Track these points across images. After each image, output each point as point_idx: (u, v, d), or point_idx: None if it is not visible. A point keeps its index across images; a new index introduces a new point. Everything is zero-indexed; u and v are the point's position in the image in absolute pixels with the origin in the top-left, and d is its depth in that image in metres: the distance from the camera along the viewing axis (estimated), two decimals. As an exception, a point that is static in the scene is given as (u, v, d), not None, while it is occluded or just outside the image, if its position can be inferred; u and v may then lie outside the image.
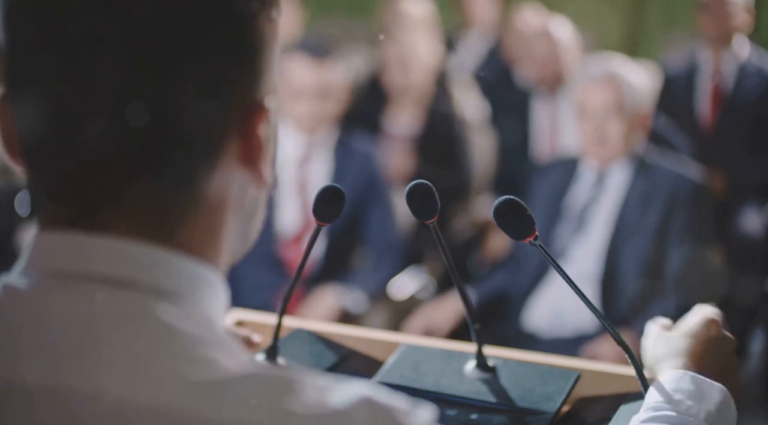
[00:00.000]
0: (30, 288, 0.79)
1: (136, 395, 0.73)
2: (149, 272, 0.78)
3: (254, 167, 0.82)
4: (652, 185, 3.06)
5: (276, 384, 0.74)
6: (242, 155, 0.81)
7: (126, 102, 0.76)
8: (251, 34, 0.81)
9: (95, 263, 0.78)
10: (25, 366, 0.75)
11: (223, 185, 0.81)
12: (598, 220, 3.12)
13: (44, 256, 0.80)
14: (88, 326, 0.76)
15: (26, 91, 0.79)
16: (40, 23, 0.77)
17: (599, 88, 3.08)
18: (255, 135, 0.81)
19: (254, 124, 0.81)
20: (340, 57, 3.92)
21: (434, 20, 5.12)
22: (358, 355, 1.48)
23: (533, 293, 3.11)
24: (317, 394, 0.73)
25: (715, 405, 1.14)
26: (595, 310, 1.24)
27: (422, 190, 1.25)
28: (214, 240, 0.83)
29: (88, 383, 0.74)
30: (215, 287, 0.82)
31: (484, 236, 4.02)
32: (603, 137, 3.08)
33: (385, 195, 3.50)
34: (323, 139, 3.46)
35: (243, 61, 0.80)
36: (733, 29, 4.31)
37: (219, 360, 0.74)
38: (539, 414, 1.28)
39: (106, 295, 0.77)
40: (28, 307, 0.78)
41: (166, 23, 0.76)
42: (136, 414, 0.72)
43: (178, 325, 0.76)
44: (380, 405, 0.74)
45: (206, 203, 0.81)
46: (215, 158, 0.80)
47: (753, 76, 4.27)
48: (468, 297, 1.35)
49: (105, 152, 0.77)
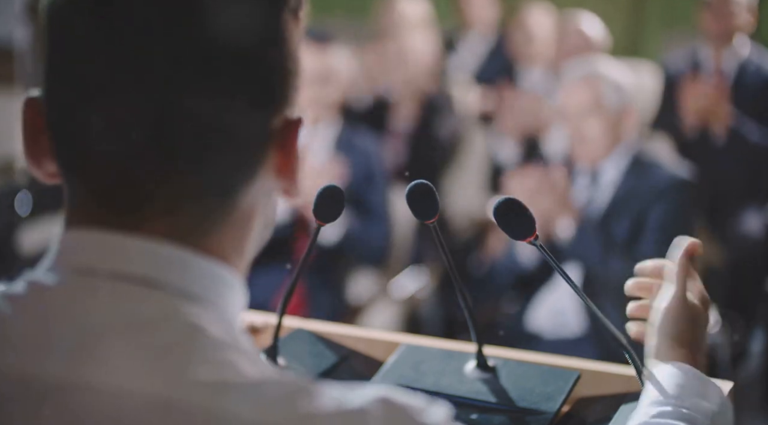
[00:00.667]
0: (58, 285, 0.79)
1: (158, 392, 0.73)
2: (179, 274, 0.79)
3: (290, 179, 0.84)
4: (638, 181, 3.07)
5: (293, 388, 0.75)
6: (280, 166, 0.83)
7: (172, 111, 0.77)
8: (290, 49, 0.84)
9: (125, 263, 0.79)
10: (52, 363, 0.76)
11: (256, 194, 0.83)
12: (594, 217, 3.14)
13: (73, 253, 0.80)
14: (114, 324, 0.76)
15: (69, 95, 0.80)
16: (90, 29, 0.78)
17: (576, 89, 3.12)
18: (294, 148, 0.83)
19: (294, 136, 0.83)
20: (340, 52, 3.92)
21: (432, 20, 5.11)
22: (358, 355, 1.48)
23: (536, 294, 3.11)
24: (333, 398, 0.75)
25: (718, 405, 1.13)
26: (595, 310, 1.24)
27: (422, 190, 1.25)
28: (241, 246, 0.84)
29: (114, 380, 0.74)
30: (236, 290, 0.84)
31: (484, 236, 4.02)
32: (582, 137, 3.11)
33: (383, 190, 3.49)
34: (324, 129, 3.45)
35: (285, 76, 0.83)
36: (735, 28, 4.31)
37: (241, 365, 0.76)
38: (539, 414, 1.28)
39: (135, 294, 0.78)
40: (55, 303, 0.78)
41: (217, 38, 0.78)
42: (156, 411, 0.73)
43: (203, 325, 0.77)
44: (396, 403, 0.75)
45: (240, 212, 0.82)
46: (256, 170, 0.82)
47: (753, 75, 4.27)
48: (468, 297, 1.35)
49: (148, 159, 0.78)
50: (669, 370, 1.14)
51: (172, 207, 0.79)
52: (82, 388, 0.74)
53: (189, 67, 0.77)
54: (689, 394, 1.12)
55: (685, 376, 1.13)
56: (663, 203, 3.01)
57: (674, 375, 1.14)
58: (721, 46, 4.33)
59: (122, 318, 0.77)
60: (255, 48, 0.80)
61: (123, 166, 0.79)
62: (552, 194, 3.02)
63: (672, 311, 1.19)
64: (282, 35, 0.82)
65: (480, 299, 3.18)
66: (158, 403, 0.73)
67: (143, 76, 0.77)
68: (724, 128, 4.03)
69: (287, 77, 0.83)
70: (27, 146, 0.84)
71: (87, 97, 0.78)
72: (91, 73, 0.78)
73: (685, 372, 1.14)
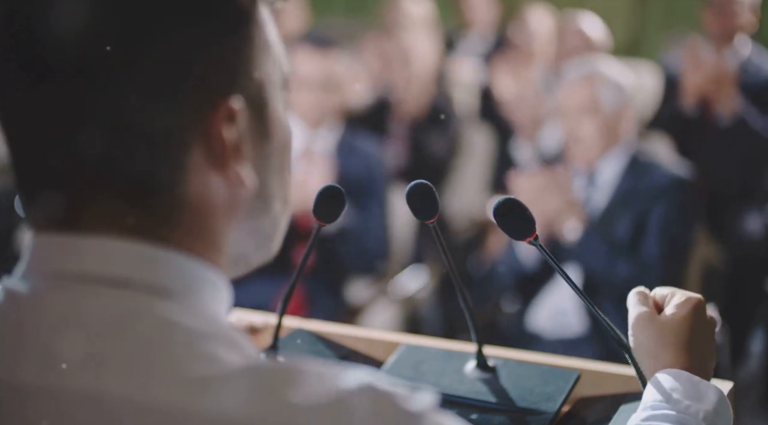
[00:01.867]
0: (29, 291, 0.79)
1: (135, 394, 0.73)
2: (143, 270, 0.78)
3: (223, 170, 0.81)
4: (637, 181, 3.07)
5: (277, 376, 0.74)
6: (207, 157, 0.80)
7: (81, 113, 0.77)
8: (218, 26, 0.80)
9: (89, 264, 0.78)
10: (24, 368, 0.75)
11: (202, 187, 0.80)
12: (593, 218, 3.13)
13: (40, 258, 0.80)
14: (86, 326, 0.76)
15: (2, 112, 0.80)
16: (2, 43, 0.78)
17: (573, 90, 3.12)
18: (218, 137, 0.79)
19: (216, 126, 0.79)
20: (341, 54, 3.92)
21: (434, 20, 5.12)
22: (358, 355, 1.47)
23: (536, 294, 3.11)
24: (319, 384, 0.74)
25: (713, 405, 1.12)
26: (595, 310, 1.23)
27: (422, 190, 1.25)
28: (212, 242, 0.82)
29: (87, 384, 0.73)
30: (217, 286, 0.82)
31: (484, 236, 4.03)
32: (577, 137, 3.11)
33: (382, 196, 3.49)
34: (325, 133, 3.45)
35: (206, 61, 0.79)
36: (737, 28, 4.32)
37: (220, 354, 0.75)
38: (539, 414, 1.28)
39: (102, 295, 0.77)
40: (26, 310, 0.78)
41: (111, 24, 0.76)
42: (135, 414, 0.72)
43: (177, 320, 0.76)
44: (381, 391, 0.75)
45: (188, 205, 0.80)
46: (180, 162, 0.79)
47: (753, 75, 4.27)
48: (468, 297, 1.35)
49: (74, 161, 0.78)
50: (660, 377, 1.15)
51: (115, 206, 0.78)
52: (54, 393, 0.74)
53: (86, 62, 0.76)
54: (680, 397, 1.12)
55: (674, 380, 1.14)
56: (663, 203, 3.01)
57: (665, 380, 1.14)
58: (722, 46, 4.33)
59: (90, 320, 0.76)
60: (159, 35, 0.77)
61: (58, 174, 0.79)
62: (559, 195, 3.02)
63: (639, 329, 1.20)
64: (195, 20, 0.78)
65: (480, 299, 3.18)
66: (135, 406, 0.72)
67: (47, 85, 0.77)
68: (730, 111, 4.01)
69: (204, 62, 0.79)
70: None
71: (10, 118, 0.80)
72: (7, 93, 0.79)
73: (675, 375, 1.14)
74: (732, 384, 1.27)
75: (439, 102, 4.39)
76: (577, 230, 3.01)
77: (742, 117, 4.01)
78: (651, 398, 1.14)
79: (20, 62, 0.78)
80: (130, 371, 0.74)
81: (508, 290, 3.19)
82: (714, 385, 1.15)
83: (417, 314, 3.79)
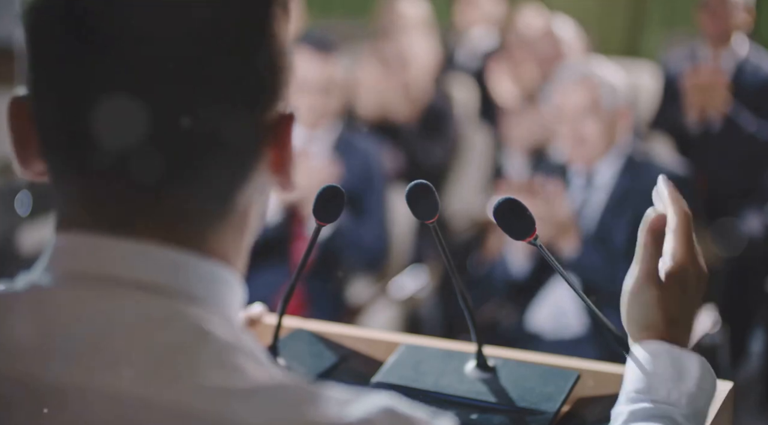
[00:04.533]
0: (56, 288, 0.78)
1: (157, 397, 0.73)
2: (178, 277, 0.78)
3: (285, 173, 0.84)
4: (634, 181, 3.07)
5: (300, 395, 0.75)
6: (275, 162, 0.83)
7: (161, 122, 0.76)
8: (279, 44, 0.82)
9: (122, 267, 0.78)
10: (53, 366, 0.75)
11: (254, 193, 0.83)
12: (590, 220, 3.13)
13: (67, 257, 0.80)
14: (116, 326, 0.76)
15: (57, 97, 0.78)
16: (68, 35, 0.77)
17: (574, 90, 3.11)
18: (288, 142, 0.83)
19: (287, 131, 0.82)
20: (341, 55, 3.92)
21: (432, 21, 5.11)
22: (358, 355, 1.47)
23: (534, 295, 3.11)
24: (339, 406, 0.74)
25: (695, 382, 1.08)
26: (594, 310, 1.23)
27: (422, 190, 1.25)
28: (239, 245, 0.84)
29: (110, 384, 0.74)
30: (234, 289, 0.83)
31: (484, 236, 4.03)
32: (581, 138, 3.10)
33: (381, 194, 3.49)
34: (324, 134, 3.45)
35: (275, 72, 0.81)
36: (732, 28, 4.32)
37: (248, 369, 0.75)
38: (539, 414, 1.28)
39: (136, 297, 0.77)
40: (55, 306, 0.78)
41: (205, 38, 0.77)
42: (157, 417, 0.72)
43: (211, 330, 0.77)
44: (400, 415, 0.75)
45: (237, 213, 0.82)
46: (252, 171, 0.81)
47: (751, 74, 4.28)
48: (468, 297, 1.35)
49: (142, 164, 0.77)
50: (640, 354, 1.10)
51: (169, 213, 0.79)
52: (84, 391, 0.74)
53: (177, 72, 0.76)
54: (662, 381, 1.07)
55: (655, 360, 1.08)
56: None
57: (646, 362, 1.09)
58: (719, 46, 4.34)
59: (125, 321, 0.76)
60: (245, 46, 0.79)
61: (114, 179, 0.78)
62: (552, 221, 2.99)
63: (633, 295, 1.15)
64: (271, 30, 0.81)
65: (480, 299, 3.18)
66: (164, 408, 0.72)
67: (128, 85, 0.76)
68: (720, 114, 4.03)
69: (277, 73, 0.82)
70: (15, 147, 0.83)
71: (71, 105, 0.77)
72: (72, 81, 0.77)
73: (655, 354, 1.09)
74: (732, 384, 1.27)
75: (439, 102, 4.39)
76: (572, 247, 3.00)
77: (733, 120, 4.01)
78: (631, 385, 1.09)
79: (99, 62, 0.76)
80: (161, 373, 0.74)
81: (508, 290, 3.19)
82: (696, 356, 1.10)
83: (417, 315, 3.78)
